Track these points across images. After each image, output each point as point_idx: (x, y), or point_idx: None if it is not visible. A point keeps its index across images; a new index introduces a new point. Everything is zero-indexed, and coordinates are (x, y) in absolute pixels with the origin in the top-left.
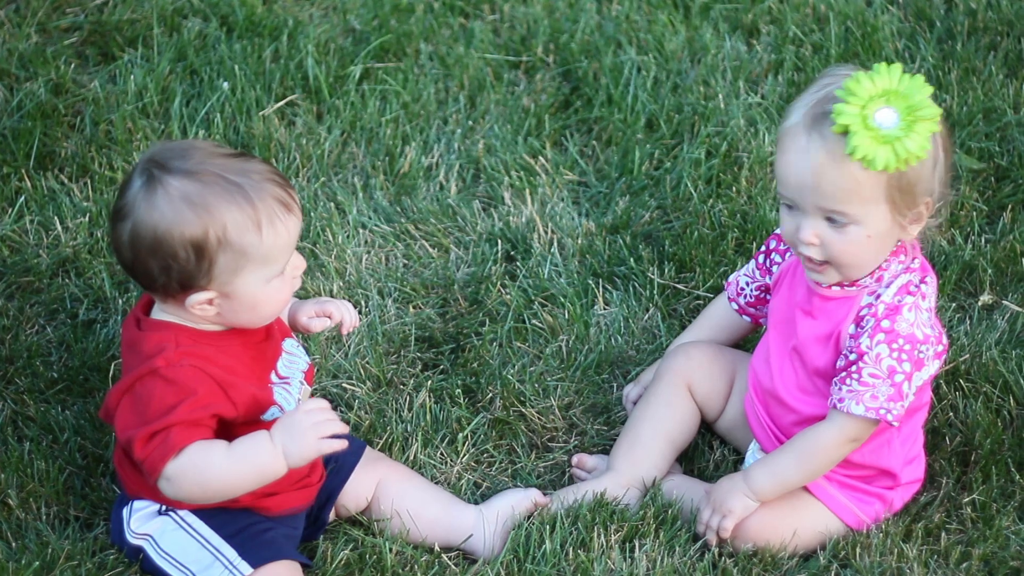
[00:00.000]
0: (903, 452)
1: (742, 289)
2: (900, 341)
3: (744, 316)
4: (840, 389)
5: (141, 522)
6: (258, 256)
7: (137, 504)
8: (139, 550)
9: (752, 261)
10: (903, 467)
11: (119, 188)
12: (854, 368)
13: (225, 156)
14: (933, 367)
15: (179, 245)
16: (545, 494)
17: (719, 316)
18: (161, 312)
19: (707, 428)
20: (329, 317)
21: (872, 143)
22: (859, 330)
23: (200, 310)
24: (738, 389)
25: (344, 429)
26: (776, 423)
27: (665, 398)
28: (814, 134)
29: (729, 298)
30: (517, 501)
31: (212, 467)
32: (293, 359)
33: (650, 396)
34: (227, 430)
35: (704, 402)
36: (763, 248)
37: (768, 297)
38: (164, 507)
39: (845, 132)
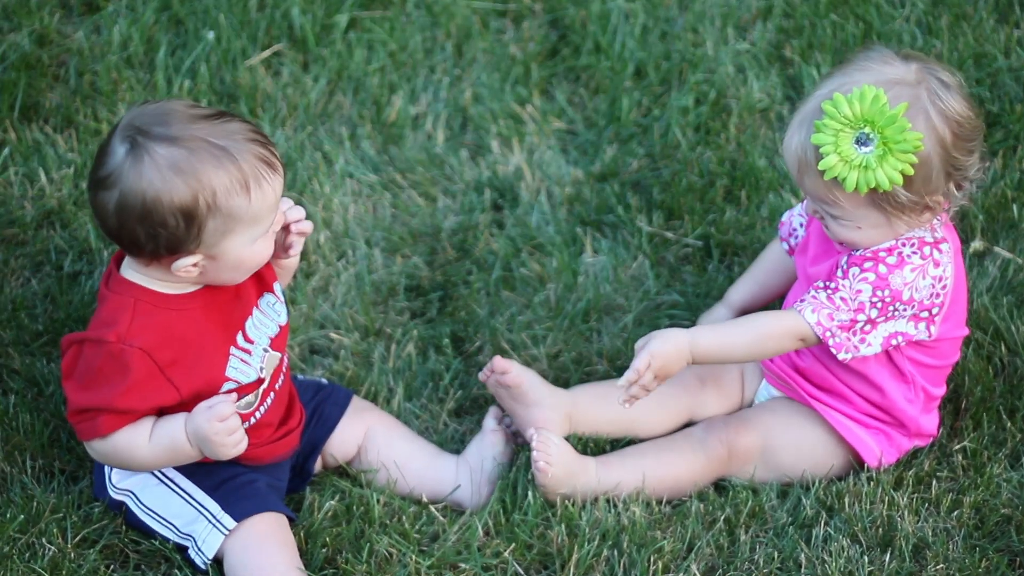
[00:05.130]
0: (919, 403)
1: (794, 230)
2: (885, 292)
3: (794, 256)
4: (810, 291)
5: (122, 476)
6: (246, 218)
7: None
8: (121, 503)
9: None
10: (919, 416)
11: (98, 155)
12: (832, 283)
13: (205, 118)
14: (904, 325)
15: (168, 213)
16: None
17: (772, 259)
18: (130, 269)
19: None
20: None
21: (843, 166)
22: (854, 255)
23: (185, 272)
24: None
25: (243, 442)
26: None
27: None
28: (804, 132)
29: (781, 238)
30: (492, 446)
31: (133, 456)
32: (264, 321)
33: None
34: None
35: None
36: None
37: None
38: None
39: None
